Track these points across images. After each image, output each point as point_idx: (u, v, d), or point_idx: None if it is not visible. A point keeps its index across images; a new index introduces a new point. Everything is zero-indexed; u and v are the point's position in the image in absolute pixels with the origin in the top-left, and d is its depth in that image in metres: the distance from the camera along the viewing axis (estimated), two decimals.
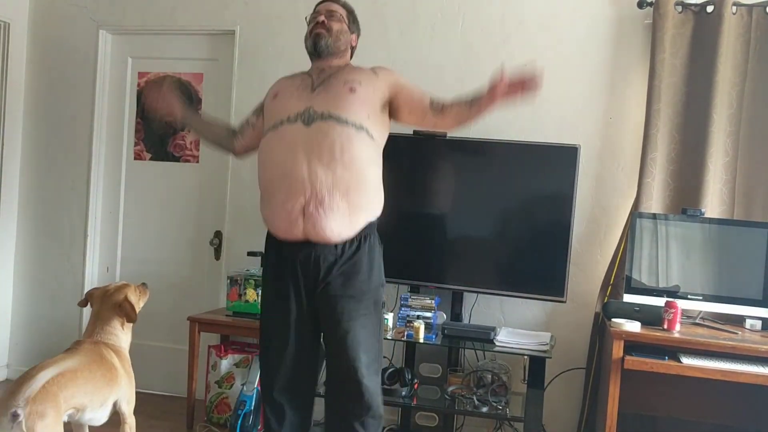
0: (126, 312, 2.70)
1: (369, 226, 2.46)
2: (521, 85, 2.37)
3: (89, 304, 2.77)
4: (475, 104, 2.46)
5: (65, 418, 2.34)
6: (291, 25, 3.80)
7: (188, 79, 4.03)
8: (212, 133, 2.79)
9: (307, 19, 2.64)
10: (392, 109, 2.58)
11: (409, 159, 3.43)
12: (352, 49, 2.68)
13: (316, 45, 2.54)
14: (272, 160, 2.43)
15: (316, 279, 2.41)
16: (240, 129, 2.74)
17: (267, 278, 2.55)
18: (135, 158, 4.12)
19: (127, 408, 2.63)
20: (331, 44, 2.55)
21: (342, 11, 2.63)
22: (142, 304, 2.84)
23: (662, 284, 3.12)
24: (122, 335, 2.72)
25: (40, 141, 4.19)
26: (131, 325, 2.76)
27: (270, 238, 2.52)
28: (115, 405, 2.57)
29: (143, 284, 2.88)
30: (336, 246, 2.39)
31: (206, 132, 2.81)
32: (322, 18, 2.57)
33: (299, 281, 2.43)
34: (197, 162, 4.03)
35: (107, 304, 2.71)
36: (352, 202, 2.37)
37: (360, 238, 2.42)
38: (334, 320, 2.39)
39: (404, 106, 2.56)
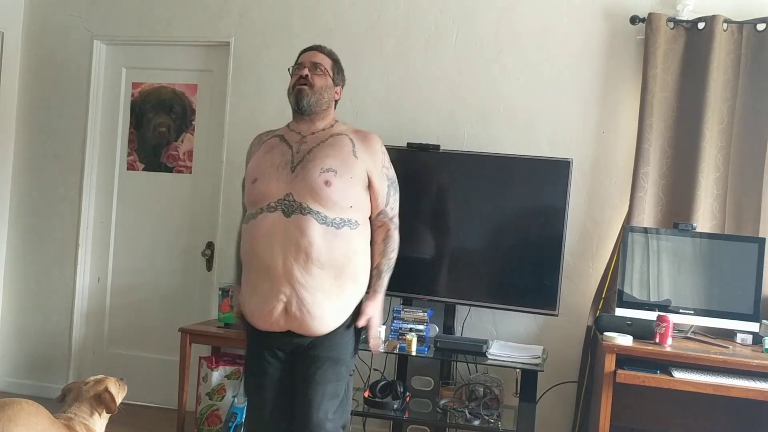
0: (105, 403, 2.52)
1: (353, 312, 2.42)
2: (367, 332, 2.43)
3: (64, 398, 2.57)
4: (372, 284, 2.48)
5: None
6: (285, 37, 3.82)
7: (182, 89, 4.04)
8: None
9: (290, 71, 2.53)
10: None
11: (403, 171, 3.39)
12: (336, 102, 2.58)
13: (299, 103, 2.44)
14: (253, 252, 2.34)
15: (298, 351, 2.37)
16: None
17: (248, 350, 2.51)
18: (128, 168, 4.12)
19: None
20: (313, 103, 2.44)
21: (326, 62, 2.51)
22: (121, 398, 2.63)
23: (654, 298, 3.13)
24: (98, 420, 2.55)
25: (33, 150, 4.18)
26: (106, 416, 2.58)
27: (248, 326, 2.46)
28: None
29: (122, 378, 2.70)
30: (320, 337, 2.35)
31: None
32: (305, 72, 2.45)
33: (280, 356, 2.40)
34: (190, 172, 4.03)
35: (83, 395, 2.53)
36: (338, 300, 2.34)
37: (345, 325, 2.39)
38: (310, 378, 2.33)
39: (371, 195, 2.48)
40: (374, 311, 2.43)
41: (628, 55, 3.45)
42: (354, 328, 2.43)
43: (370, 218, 2.49)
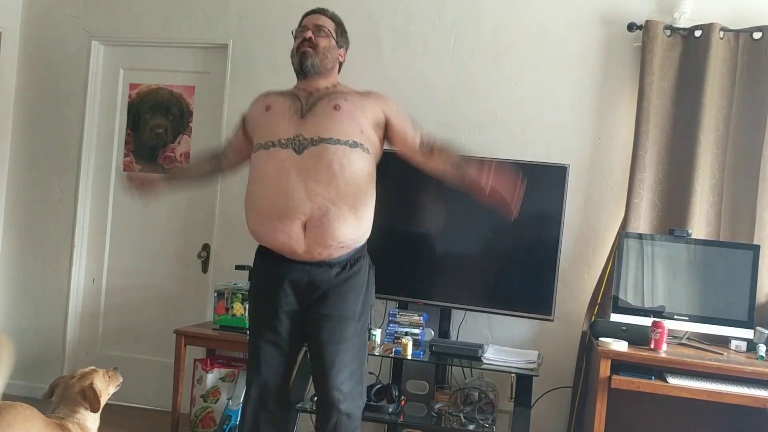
0: (89, 400, 2.45)
1: (362, 249, 2.48)
2: (500, 198, 2.45)
3: (52, 393, 2.53)
4: (462, 174, 2.49)
5: None
6: (284, 39, 3.78)
7: (180, 91, 4.04)
8: (198, 174, 2.80)
9: (294, 34, 2.59)
10: (387, 136, 2.57)
11: (399, 174, 3.43)
12: (340, 64, 2.64)
13: (302, 64, 2.49)
14: (266, 179, 2.39)
15: (309, 300, 2.41)
16: (224, 152, 2.74)
17: (256, 293, 2.54)
18: (124, 169, 4.11)
19: None
20: (317, 63, 2.49)
21: (330, 25, 2.58)
22: (112, 390, 2.59)
23: (649, 304, 3.14)
24: (89, 416, 2.49)
25: (29, 150, 4.17)
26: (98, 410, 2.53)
27: (261, 255, 2.50)
28: None
29: (114, 368, 2.64)
30: (331, 267, 2.39)
31: (191, 178, 2.85)
32: (309, 34, 2.50)
33: (291, 300, 2.42)
34: None
35: (70, 391, 2.47)
36: (358, 214, 2.38)
37: (354, 261, 2.43)
38: (320, 341, 2.39)
39: (397, 140, 2.56)
40: (482, 173, 2.42)
41: (625, 62, 3.46)
42: (367, 278, 2.48)
43: (413, 158, 2.55)
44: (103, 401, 2.51)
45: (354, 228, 2.38)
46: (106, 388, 2.54)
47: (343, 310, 2.41)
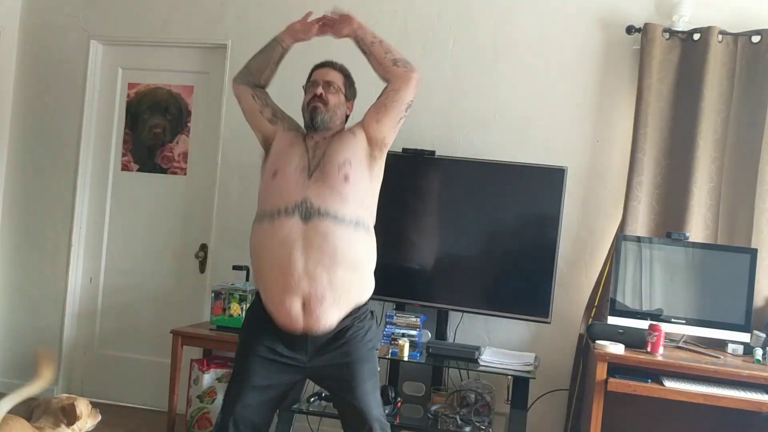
0: (67, 415, 2.43)
1: (365, 306, 2.48)
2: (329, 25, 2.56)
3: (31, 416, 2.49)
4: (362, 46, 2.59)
5: None
6: None
7: (178, 91, 4.03)
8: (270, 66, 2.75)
9: (304, 88, 2.61)
10: (380, 139, 2.55)
11: (397, 176, 3.42)
12: (347, 117, 2.64)
13: (314, 120, 2.51)
14: (268, 253, 2.36)
15: (312, 356, 2.39)
16: (263, 95, 2.73)
17: (251, 336, 2.46)
18: (122, 169, 4.11)
19: None
20: (327, 120, 2.52)
21: (339, 80, 2.60)
22: (90, 424, 2.53)
23: (646, 307, 3.13)
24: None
25: (27, 149, 4.16)
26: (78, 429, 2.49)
27: (261, 311, 2.44)
28: None
29: (95, 407, 2.58)
30: (331, 335, 2.38)
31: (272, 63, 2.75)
32: (319, 90, 2.53)
33: (291, 356, 2.39)
34: (185, 174, 4.02)
35: (51, 406, 2.47)
36: (353, 297, 2.39)
37: (358, 318, 2.44)
38: (347, 385, 2.40)
39: (382, 121, 2.55)
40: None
41: (623, 64, 3.46)
42: (366, 327, 2.46)
43: (389, 98, 2.58)
44: (81, 425, 2.47)
45: (353, 301, 2.40)
46: (86, 417, 2.51)
47: (357, 353, 2.41)
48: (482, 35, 3.62)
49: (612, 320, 3.10)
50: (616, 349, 2.87)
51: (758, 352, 2.94)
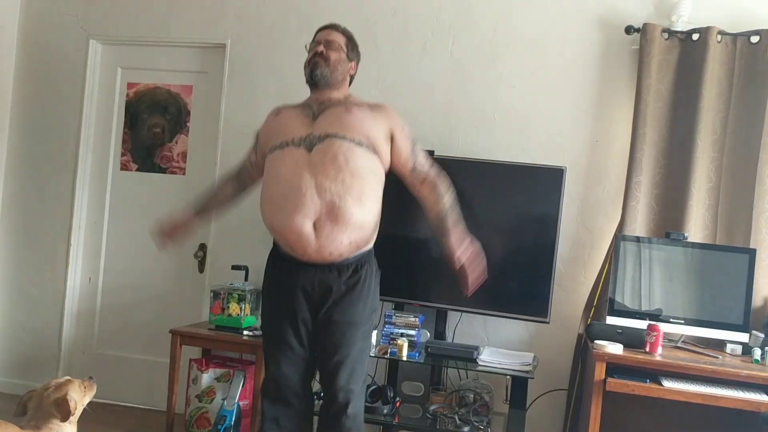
0: (61, 410, 2.38)
1: (369, 253, 2.59)
2: (464, 275, 2.64)
3: (25, 409, 2.44)
4: (442, 228, 2.64)
5: None
6: (282, 39, 3.82)
7: (177, 91, 4.03)
8: (224, 197, 2.83)
9: (307, 47, 2.69)
10: (390, 161, 2.66)
11: (396, 176, 3.43)
12: (351, 77, 2.73)
13: (313, 74, 2.59)
14: (280, 175, 2.48)
15: (321, 304, 2.52)
16: (245, 170, 2.79)
17: (271, 302, 2.63)
18: (121, 169, 4.11)
19: None
20: (327, 74, 2.59)
21: (341, 39, 2.67)
22: (87, 400, 2.52)
23: (645, 307, 3.14)
24: (65, 426, 2.42)
25: (26, 149, 4.16)
26: (73, 420, 2.46)
27: (274, 259, 2.59)
28: None
29: (90, 378, 2.58)
30: (340, 273, 2.49)
31: (218, 202, 2.84)
32: (320, 48, 2.61)
33: (304, 308, 2.53)
34: (184, 174, 4.02)
35: (44, 402, 2.41)
36: (364, 208, 2.47)
37: (361, 265, 2.54)
38: (332, 345, 2.50)
39: (395, 155, 2.64)
40: (462, 248, 2.58)
41: (622, 64, 3.47)
42: (373, 283, 2.60)
43: (406, 181, 2.68)
44: (79, 411, 2.46)
45: (360, 222, 2.46)
46: (82, 399, 2.49)
47: (352, 316, 2.52)
48: (482, 35, 3.62)
49: (611, 320, 3.11)
50: (615, 349, 2.87)
51: (757, 352, 2.94)
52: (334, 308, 2.51)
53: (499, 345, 3.46)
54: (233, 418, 3.31)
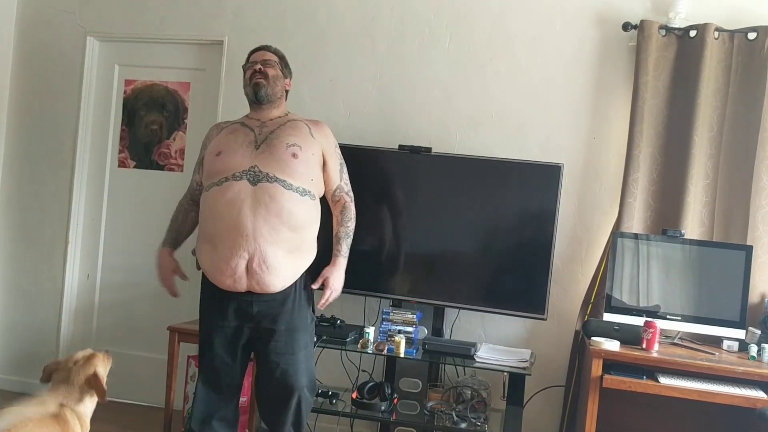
0: (97, 390, 2.47)
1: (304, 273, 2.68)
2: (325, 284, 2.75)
3: (50, 378, 2.51)
4: (335, 248, 2.79)
5: None
6: (279, 37, 3.81)
7: (175, 87, 4.03)
8: (191, 225, 2.94)
9: (244, 68, 2.82)
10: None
11: (393, 173, 3.44)
12: (286, 92, 2.89)
13: (257, 94, 2.73)
14: (216, 214, 2.54)
15: (257, 320, 2.61)
16: (195, 194, 2.86)
17: (205, 313, 2.77)
18: (119, 166, 4.11)
19: None
20: (270, 93, 2.74)
21: (274, 58, 2.82)
22: (107, 372, 2.62)
23: (642, 304, 3.14)
24: (89, 403, 2.50)
25: (23, 146, 4.16)
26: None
27: (208, 282, 2.68)
28: None
29: (106, 351, 2.65)
30: (273, 299, 2.59)
31: (188, 232, 2.98)
32: (258, 66, 2.74)
33: (238, 322, 2.63)
34: (182, 171, 4.02)
35: (74, 379, 2.46)
36: (294, 260, 2.58)
37: (296, 284, 2.63)
38: (274, 354, 2.61)
39: (324, 174, 2.77)
40: (331, 273, 2.72)
41: (619, 61, 3.47)
42: (307, 294, 2.69)
43: (325, 196, 2.81)
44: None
45: (291, 271, 2.58)
46: (104, 373, 2.58)
47: (293, 323, 2.63)
48: (479, 33, 3.62)
49: (608, 317, 3.11)
50: (612, 345, 2.88)
51: (753, 349, 2.95)
52: (275, 319, 2.65)
53: (496, 342, 3.47)
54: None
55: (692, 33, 3.30)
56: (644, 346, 2.91)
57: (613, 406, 3.15)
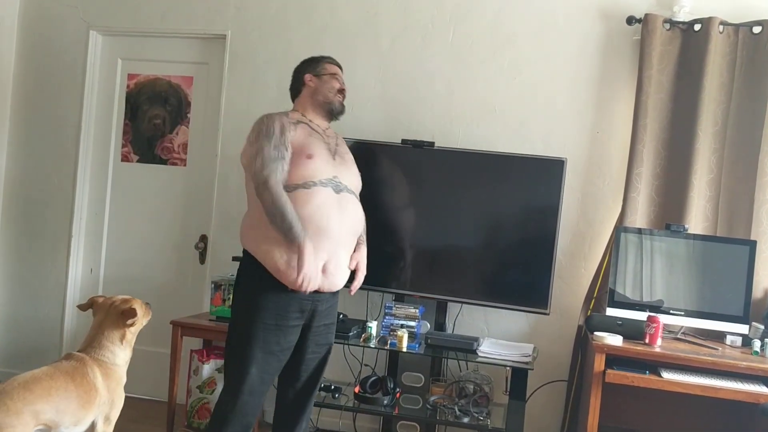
0: (129, 315, 2.62)
1: None
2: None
3: (92, 310, 2.72)
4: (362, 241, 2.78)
5: None
6: (281, 31, 3.81)
7: (178, 82, 4.03)
8: None
9: (321, 72, 2.76)
10: None
11: (396, 168, 3.43)
12: None
13: (340, 114, 2.77)
14: (304, 215, 2.47)
15: (317, 317, 2.63)
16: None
17: (264, 310, 2.52)
18: (122, 160, 4.11)
19: (102, 428, 2.59)
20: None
21: None
22: (144, 322, 2.76)
23: (645, 299, 3.13)
24: (119, 351, 2.65)
25: (27, 140, 4.16)
26: (131, 340, 2.70)
27: (271, 280, 2.51)
28: (93, 424, 2.54)
29: (147, 303, 2.79)
30: (335, 293, 2.68)
31: None
32: (344, 86, 2.79)
33: (299, 321, 2.59)
34: (185, 165, 4.02)
35: (112, 314, 2.64)
36: (347, 261, 2.65)
37: None
38: (322, 346, 2.68)
39: None
40: (362, 257, 2.74)
41: (623, 55, 3.45)
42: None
43: None
44: (136, 330, 2.70)
45: (347, 272, 2.66)
46: (142, 317, 2.71)
47: (334, 317, 2.76)
48: (481, 27, 3.61)
49: (611, 312, 3.11)
50: (614, 340, 2.87)
51: (756, 344, 2.94)
52: (323, 318, 2.69)
53: (499, 336, 3.47)
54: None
55: (697, 27, 3.28)
56: (647, 341, 2.90)
57: (616, 401, 3.15)
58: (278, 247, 2.48)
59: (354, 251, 2.69)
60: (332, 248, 2.53)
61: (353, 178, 2.69)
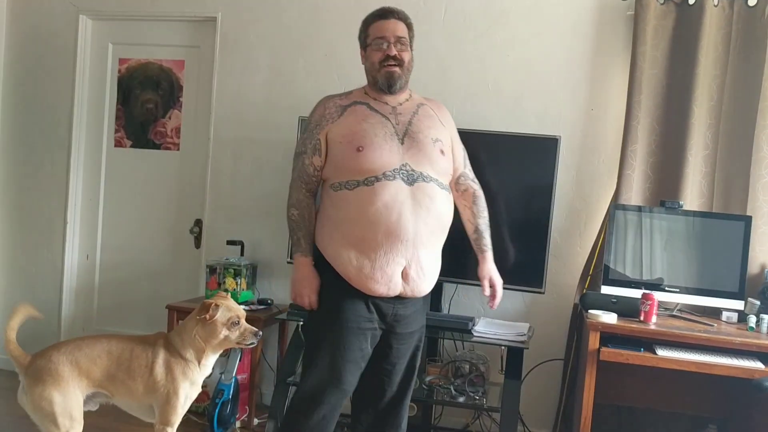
0: (203, 308, 2.43)
1: None
2: (494, 297, 2.55)
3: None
4: (478, 244, 2.57)
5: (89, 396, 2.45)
6: (272, 12, 3.77)
7: (169, 65, 4.00)
8: (313, 225, 2.46)
9: (367, 41, 2.40)
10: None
11: None
12: None
13: (391, 86, 2.36)
14: (371, 218, 2.23)
15: (397, 324, 2.39)
16: (311, 183, 2.41)
17: (342, 315, 2.33)
18: (115, 145, 4.09)
19: (158, 417, 2.47)
20: (404, 82, 2.39)
21: (406, 32, 2.41)
22: (233, 337, 2.46)
23: (640, 276, 3.12)
24: (188, 342, 2.46)
25: (19, 127, 4.14)
26: (204, 338, 2.45)
27: (345, 285, 2.32)
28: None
29: (256, 332, 2.49)
30: (420, 299, 2.43)
31: (313, 232, 2.47)
32: (393, 51, 2.34)
33: (378, 324, 2.37)
34: (178, 150, 4.00)
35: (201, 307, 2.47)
36: (437, 261, 2.41)
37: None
38: (409, 352, 2.48)
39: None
40: (493, 271, 2.52)
41: (617, 31, 3.41)
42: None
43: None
44: (210, 332, 2.43)
45: (436, 274, 2.41)
46: (224, 324, 2.43)
47: (420, 324, 2.50)
48: (474, 4, 3.56)
49: (605, 289, 3.10)
50: (609, 318, 2.86)
51: (752, 320, 2.93)
52: (408, 321, 2.48)
53: (494, 316, 3.45)
54: (231, 392, 3.34)
55: (691, 0, 3.23)
56: (642, 318, 2.89)
57: (612, 378, 3.14)
58: (347, 250, 2.28)
59: (479, 263, 2.47)
60: (410, 253, 2.25)
61: (433, 162, 2.31)
